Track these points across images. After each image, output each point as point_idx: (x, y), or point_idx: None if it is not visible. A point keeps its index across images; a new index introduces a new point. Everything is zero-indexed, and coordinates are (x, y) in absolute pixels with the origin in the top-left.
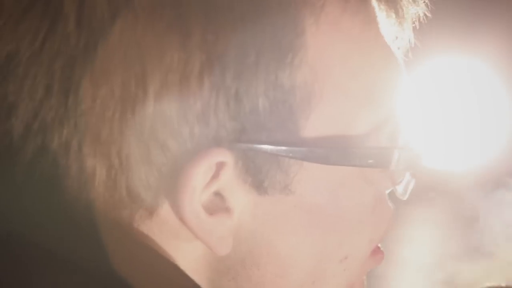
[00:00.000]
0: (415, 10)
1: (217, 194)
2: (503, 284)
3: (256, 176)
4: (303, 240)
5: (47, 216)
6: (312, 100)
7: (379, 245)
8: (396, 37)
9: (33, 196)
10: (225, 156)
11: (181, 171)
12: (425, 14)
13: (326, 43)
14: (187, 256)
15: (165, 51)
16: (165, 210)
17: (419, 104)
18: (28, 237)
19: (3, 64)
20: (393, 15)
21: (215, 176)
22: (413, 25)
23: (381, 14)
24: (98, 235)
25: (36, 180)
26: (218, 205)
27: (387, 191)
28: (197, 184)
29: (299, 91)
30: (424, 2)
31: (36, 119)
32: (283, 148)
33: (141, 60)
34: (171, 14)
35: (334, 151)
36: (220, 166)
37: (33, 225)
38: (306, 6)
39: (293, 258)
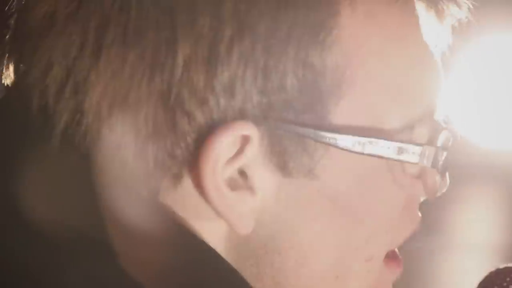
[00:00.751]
0: (457, 11)
1: (242, 172)
2: None
3: (281, 156)
4: (327, 228)
5: (80, 194)
6: (343, 85)
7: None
8: (437, 35)
9: (67, 170)
10: (250, 130)
11: (205, 141)
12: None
13: (361, 29)
14: (210, 236)
15: (197, 17)
16: (188, 182)
17: (468, 86)
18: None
19: (40, 24)
20: (433, 13)
21: (240, 151)
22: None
23: (422, 11)
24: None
25: (70, 149)
26: (241, 183)
27: (419, 200)
28: (220, 156)
29: (330, 74)
30: (467, 5)
31: (69, 79)
32: (310, 130)
33: (173, 24)
34: None
35: (360, 140)
36: (245, 141)
37: (66, 204)
38: None
39: (316, 246)
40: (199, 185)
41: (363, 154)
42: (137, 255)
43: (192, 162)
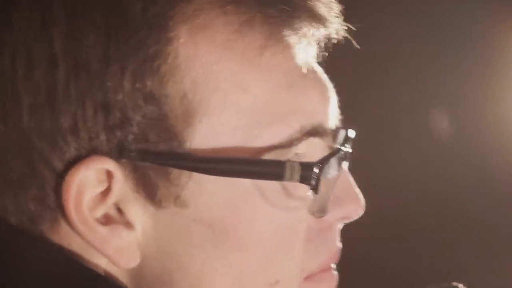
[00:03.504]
0: (322, 30)
1: (118, 207)
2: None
3: (148, 188)
4: (213, 256)
5: None
6: (196, 112)
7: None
8: (309, 54)
9: None
10: (109, 165)
11: (63, 182)
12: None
13: (207, 56)
14: (107, 271)
15: (34, 63)
16: (65, 223)
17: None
18: None
19: None
20: (302, 35)
21: (109, 188)
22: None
23: (290, 34)
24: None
25: None
26: (118, 218)
27: (336, 226)
28: (81, 192)
29: (177, 102)
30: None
31: None
32: (169, 159)
33: (13, 75)
34: (37, 18)
35: (221, 164)
36: (109, 177)
37: None
38: (178, 15)
39: (207, 274)
40: (69, 223)
41: (227, 177)
42: None
43: (59, 203)
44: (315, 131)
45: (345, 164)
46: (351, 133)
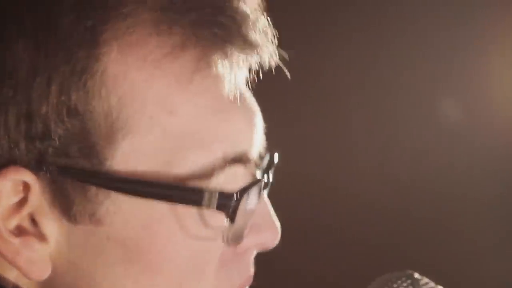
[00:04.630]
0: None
1: (33, 219)
2: None
3: (64, 202)
4: (124, 276)
5: None
6: (119, 131)
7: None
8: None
9: None
10: (25, 176)
11: None
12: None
13: (137, 74)
14: (16, 284)
15: None
16: None
17: None
18: None
19: None
20: (233, 62)
21: (25, 199)
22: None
23: (220, 61)
24: None
25: None
26: (31, 230)
27: (250, 253)
28: None
29: (101, 119)
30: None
31: None
32: (88, 176)
33: None
34: None
35: (140, 185)
36: (26, 188)
37: None
38: (110, 31)
39: None
40: None
41: (145, 199)
42: None
43: None
44: (238, 160)
45: (265, 192)
46: (274, 160)
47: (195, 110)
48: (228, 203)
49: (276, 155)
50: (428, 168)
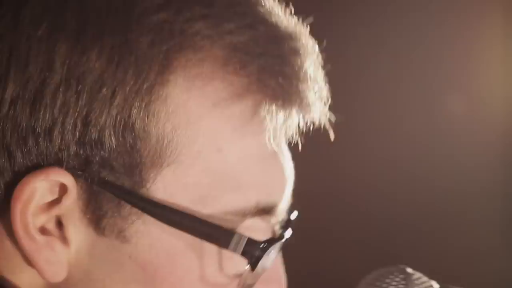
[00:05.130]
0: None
1: (59, 221)
2: None
3: (96, 212)
4: None
5: None
6: (167, 158)
7: None
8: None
9: None
10: (67, 179)
11: (20, 181)
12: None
13: (195, 106)
14: (29, 283)
15: (30, 59)
16: (2, 220)
17: None
18: None
19: None
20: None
21: (58, 200)
22: None
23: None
24: None
25: None
26: (56, 231)
27: None
28: (33, 198)
29: (153, 141)
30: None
31: None
32: (126, 192)
33: (8, 63)
34: (48, 20)
35: (173, 214)
36: (63, 190)
37: None
38: (182, 60)
39: None
40: (10, 224)
41: (175, 228)
42: None
43: (6, 200)
44: (268, 211)
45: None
46: (294, 216)
47: (242, 154)
48: (253, 251)
49: (295, 213)
50: (427, 168)
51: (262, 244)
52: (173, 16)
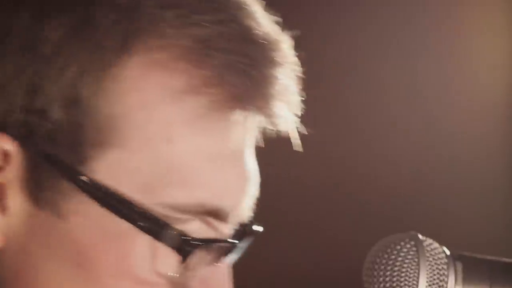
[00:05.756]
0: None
1: (2, 189)
2: None
3: (36, 184)
4: (64, 276)
5: None
6: (113, 139)
7: None
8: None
9: None
10: (10, 146)
11: None
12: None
13: (151, 93)
14: None
15: None
16: None
17: None
18: None
19: None
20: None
21: (1, 167)
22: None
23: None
24: None
25: None
26: None
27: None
28: None
29: (100, 119)
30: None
31: None
32: (65, 169)
33: None
34: None
35: (112, 198)
36: (6, 158)
37: None
38: (145, 43)
39: None
40: None
41: (112, 213)
42: None
43: None
44: (214, 214)
45: (230, 258)
46: (255, 230)
47: (193, 149)
48: (187, 247)
49: (258, 228)
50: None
51: (198, 242)
52: (144, 0)
